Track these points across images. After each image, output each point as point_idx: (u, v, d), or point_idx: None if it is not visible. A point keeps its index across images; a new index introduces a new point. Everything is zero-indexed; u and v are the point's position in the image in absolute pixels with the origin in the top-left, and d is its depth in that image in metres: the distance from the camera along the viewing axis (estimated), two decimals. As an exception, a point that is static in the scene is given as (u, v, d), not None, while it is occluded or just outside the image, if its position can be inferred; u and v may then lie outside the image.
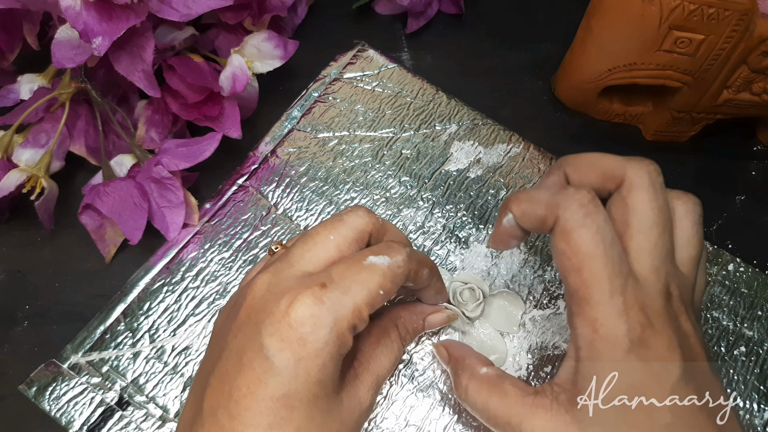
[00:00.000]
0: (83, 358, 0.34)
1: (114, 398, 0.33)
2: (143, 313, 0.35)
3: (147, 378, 0.34)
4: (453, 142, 0.41)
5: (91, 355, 0.34)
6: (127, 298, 0.35)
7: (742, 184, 0.43)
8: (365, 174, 0.40)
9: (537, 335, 0.35)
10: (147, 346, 0.34)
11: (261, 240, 0.37)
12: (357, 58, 0.43)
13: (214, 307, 0.35)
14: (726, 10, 0.34)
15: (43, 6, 0.34)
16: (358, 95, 0.42)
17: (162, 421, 0.33)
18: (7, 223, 0.39)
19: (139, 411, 0.33)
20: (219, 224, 0.38)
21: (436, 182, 0.40)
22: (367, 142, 0.40)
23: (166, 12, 0.34)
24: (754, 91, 0.39)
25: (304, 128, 0.41)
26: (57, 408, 0.32)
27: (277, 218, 0.38)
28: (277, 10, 0.41)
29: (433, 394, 0.34)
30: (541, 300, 0.36)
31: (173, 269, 0.36)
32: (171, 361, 0.34)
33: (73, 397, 0.33)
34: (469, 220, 0.38)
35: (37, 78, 0.39)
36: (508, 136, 0.41)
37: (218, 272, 0.36)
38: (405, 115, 0.41)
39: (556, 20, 0.48)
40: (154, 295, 0.35)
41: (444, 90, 0.43)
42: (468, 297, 0.34)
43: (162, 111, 0.39)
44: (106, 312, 0.35)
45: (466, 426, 0.33)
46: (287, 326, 0.24)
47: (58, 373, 0.33)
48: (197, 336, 0.35)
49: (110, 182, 0.36)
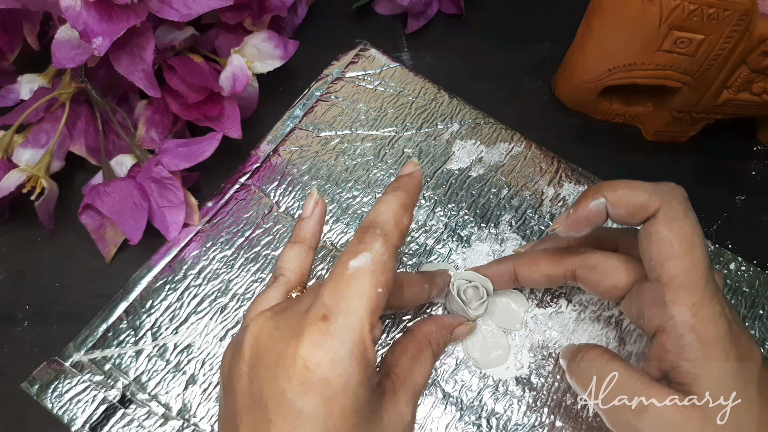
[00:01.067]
0: (86, 356, 0.34)
1: (116, 396, 0.33)
2: (145, 311, 0.35)
3: (149, 376, 0.34)
4: (455, 141, 0.41)
5: (94, 353, 0.34)
6: (130, 296, 0.35)
7: (742, 184, 0.43)
8: (367, 173, 0.40)
9: (539, 333, 0.35)
10: (149, 344, 0.34)
11: (263, 238, 0.37)
12: (359, 57, 0.43)
13: (216, 304, 0.35)
14: (726, 10, 0.34)
15: (43, 6, 0.34)
16: (360, 94, 0.42)
17: (164, 419, 0.33)
18: (7, 223, 0.39)
19: (141, 409, 0.33)
20: (221, 222, 0.38)
21: (438, 181, 0.40)
22: (369, 141, 0.41)
23: (166, 12, 0.34)
24: (754, 91, 0.39)
25: (306, 127, 0.41)
26: (59, 406, 0.32)
27: (278, 216, 0.38)
28: (277, 10, 0.41)
29: (435, 392, 0.34)
30: (543, 298, 0.36)
31: (175, 267, 0.36)
32: (173, 359, 0.34)
33: (76, 394, 0.33)
34: (471, 219, 0.38)
35: (37, 78, 0.39)
36: (510, 135, 0.41)
37: (220, 270, 0.36)
38: (407, 114, 0.42)
39: (556, 20, 0.48)
40: (156, 293, 0.36)
41: (446, 89, 0.43)
42: (472, 295, 0.34)
43: (162, 111, 0.39)
44: (108, 310, 0.35)
45: (468, 425, 0.33)
46: (304, 369, 0.22)
47: (61, 371, 0.33)
48: (199, 334, 0.35)
49: (110, 182, 0.36)
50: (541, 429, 0.33)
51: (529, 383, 0.34)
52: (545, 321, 0.36)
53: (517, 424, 0.33)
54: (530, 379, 0.34)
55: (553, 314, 0.36)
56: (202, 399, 0.33)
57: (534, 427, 0.33)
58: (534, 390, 0.34)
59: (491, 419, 0.33)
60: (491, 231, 0.38)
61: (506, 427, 0.33)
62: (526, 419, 0.33)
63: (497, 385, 0.34)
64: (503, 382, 0.34)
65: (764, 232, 0.41)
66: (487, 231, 0.38)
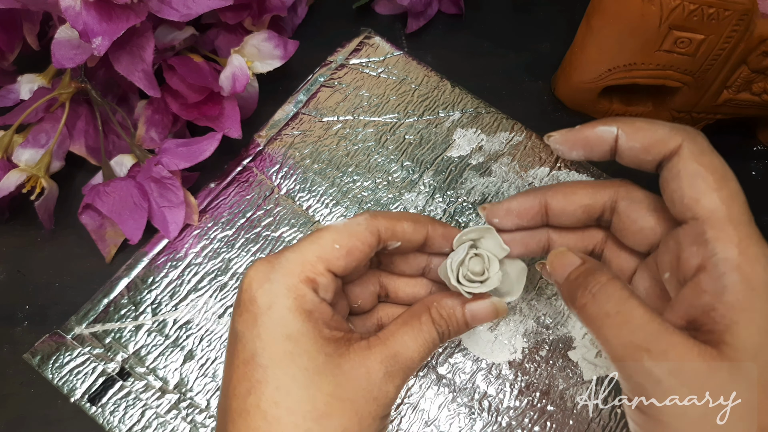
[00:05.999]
0: (87, 329, 0.35)
1: (115, 369, 0.34)
2: (146, 287, 0.36)
3: (148, 350, 0.34)
4: (456, 129, 0.41)
5: (95, 327, 0.35)
6: (132, 273, 0.36)
7: (742, 184, 0.43)
8: (368, 158, 0.40)
9: (533, 319, 0.36)
10: (149, 320, 0.35)
11: (264, 219, 0.38)
12: (363, 45, 0.44)
13: (215, 282, 0.36)
14: (726, 10, 0.34)
15: (43, 6, 0.34)
16: (364, 81, 0.43)
17: (161, 392, 0.34)
18: (7, 223, 0.39)
19: (139, 382, 0.34)
20: (223, 203, 0.38)
21: (438, 168, 0.40)
22: (370, 127, 0.41)
23: (166, 12, 0.34)
24: (754, 91, 0.39)
25: (309, 112, 0.41)
26: (59, 377, 0.33)
27: (279, 199, 0.39)
28: (277, 10, 0.41)
29: (428, 374, 0.34)
30: (538, 284, 0.37)
31: (177, 245, 0.37)
32: (172, 334, 0.35)
33: (76, 366, 0.34)
34: (470, 206, 0.39)
35: (37, 78, 0.39)
36: (511, 125, 0.42)
37: (221, 249, 0.37)
38: (409, 102, 0.42)
39: (556, 20, 0.48)
40: (157, 270, 0.36)
41: (448, 78, 0.43)
42: (478, 268, 0.28)
43: (162, 111, 0.39)
44: (110, 285, 0.36)
45: (460, 406, 0.34)
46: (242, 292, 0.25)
47: (62, 344, 0.34)
48: (198, 310, 0.36)
49: (110, 182, 0.36)
50: (532, 412, 0.34)
51: (521, 367, 0.35)
52: (539, 306, 0.36)
53: (508, 407, 0.34)
54: (523, 363, 0.35)
55: (548, 300, 0.36)
56: (199, 374, 0.34)
57: (525, 410, 0.34)
58: (526, 374, 0.35)
59: (483, 401, 0.34)
60: None
61: (498, 409, 0.34)
62: (518, 402, 0.34)
63: (490, 369, 0.35)
64: (496, 366, 0.35)
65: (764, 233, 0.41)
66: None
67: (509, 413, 0.34)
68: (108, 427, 0.33)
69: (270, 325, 0.24)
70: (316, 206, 0.39)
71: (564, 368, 0.35)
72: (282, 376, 0.23)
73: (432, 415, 0.34)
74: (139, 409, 0.33)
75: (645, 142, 0.25)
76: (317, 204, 0.39)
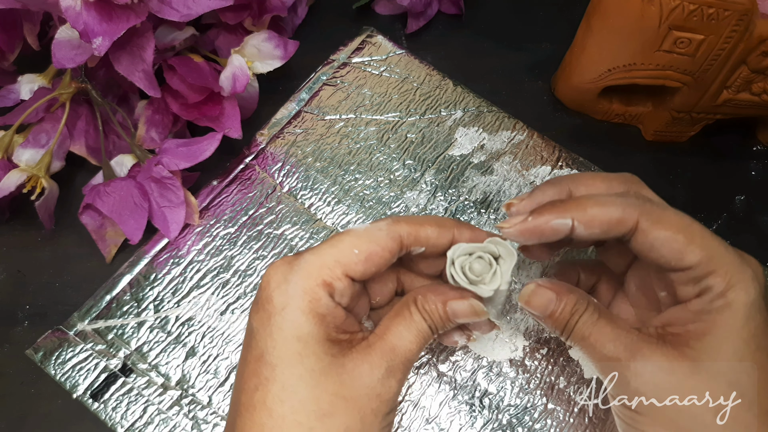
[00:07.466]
0: (89, 325, 0.35)
1: (117, 365, 0.34)
2: (149, 284, 0.36)
3: (150, 347, 0.35)
4: (458, 128, 0.41)
5: (97, 323, 0.35)
6: (134, 269, 0.36)
7: (742, 184, 0.43)
8: (370, 156, 0.40)
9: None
10: (151, 316, 0.35)
11: (266, 217, 0.38)
12: (365, 43, 0.44)
13: (218, 279, 0.36)
14: (726, 10, 0.34)
15: (43, 6, 0.34)
16: (366, 79, 0.43)
17: (163, 389, 0.34)
18: (7, 223, 0.39)
19: (141, 378, 0.34)
20: (225, 200, 0.39)
21: (440, 166, 0.40)
22: (372, 125, 0.41)
23: (166, 12, 0.34)
24: (753, 91, 0.39)
25: (311, 110, 0.41)
26: (62, 373, 0.34)
27: (281, 197, 0.39)
28: (277, 10, 0.41)
29: (429, 371, 0.34)
30: None
31: (179, 242, 0.37)
32: (174, 330, 0.35)
33: (78, 362, 0.34)
34: (471, 205, 0.39)
35: (37, 78, 0.39)
36: (513, 124, 0.42)
37: (223, 246, 0.37)
38: (411, 100, 0.42)
39: (556, 20, 0.48)
40: (159, 267, 0.36)
41: (450, 77, 0.43)
42: (480, 269, 0.27)
43: (162, 111, 0.39)
44: (112, 282, 0.36)
45: (461, 403, 0.34)
46: (261, 289, 0.25)
47: (64, 340, 0.34)
48: (200, 307, 0.36)
49: (111, 182, 0.36)
50: (532, 410, 0.34)
51: (522, 365, 0.35)
52: None
53: (509, 405, 0.34)
54: (524, 361, 0.35)
55: None
56: (200, 371, 0.34)
57: (526, 408, 0.34)
58: (527, 372, 0.35)
59: (484, 399, 0.34)
60: (490, 217, 0.39)
61: (498, 407, 0.34)
62: (519, 400, 0.34)
63: (491, 366, 0.35)
64: (497, 364, 0.35)
65: (764, 233, 0.41)
66: (486, 217, 0.39)
67: (510, 411, 0.34)
68: (110, 423, 0.33)
69: (282, 325, 0.24)
70: (318, 204, 0.39)
71: (565, 367, 0.35)
72: (289, 376, 0.24)
73: (433, 412, 0.34)
74: (141, 406, 0.33)
75: (603, 227, 0.26)
76: (319, 202, 0.39)
